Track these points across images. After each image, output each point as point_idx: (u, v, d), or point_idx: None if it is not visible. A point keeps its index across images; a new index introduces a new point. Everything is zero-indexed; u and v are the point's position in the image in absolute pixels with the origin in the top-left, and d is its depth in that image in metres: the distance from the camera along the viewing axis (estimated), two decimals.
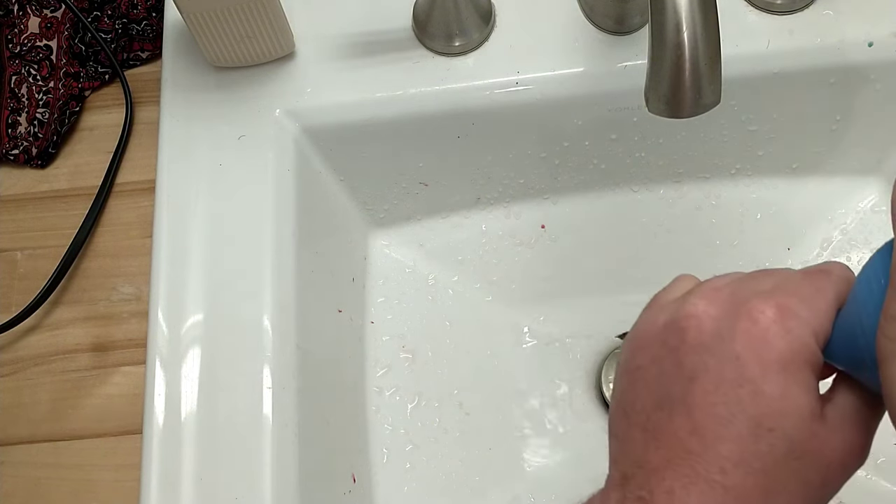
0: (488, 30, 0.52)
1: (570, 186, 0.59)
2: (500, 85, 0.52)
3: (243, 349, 0.47)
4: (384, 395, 0.57)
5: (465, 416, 0.57)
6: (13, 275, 0.60)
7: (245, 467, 0.45)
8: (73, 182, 0.61)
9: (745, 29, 0.51)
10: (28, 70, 0.63)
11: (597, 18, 0.52)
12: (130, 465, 0.55)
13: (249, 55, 0.52)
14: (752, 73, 0.51)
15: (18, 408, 0.57)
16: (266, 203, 0.50)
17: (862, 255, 0.57)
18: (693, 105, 0.39)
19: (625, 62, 0.51)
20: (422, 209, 0.60)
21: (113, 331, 0.58)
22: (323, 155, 0.54)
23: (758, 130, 0.56)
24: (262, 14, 0.49)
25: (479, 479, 0.56)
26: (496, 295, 0.60)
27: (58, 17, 0.64)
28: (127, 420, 0.56)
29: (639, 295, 0.60)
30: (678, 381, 0.29)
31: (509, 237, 0.60)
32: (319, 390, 0.50)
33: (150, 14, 0.64)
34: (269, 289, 0.49)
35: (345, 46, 0.53)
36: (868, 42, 0.51)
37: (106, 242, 0.60)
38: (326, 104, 0.52)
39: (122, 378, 0.57)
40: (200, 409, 0.47)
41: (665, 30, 0.38)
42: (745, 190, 0.59)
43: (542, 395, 0.57)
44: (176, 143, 0.52)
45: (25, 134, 0.62)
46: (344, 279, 0.57)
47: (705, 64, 0.38)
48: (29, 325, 0.58)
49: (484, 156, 0.56)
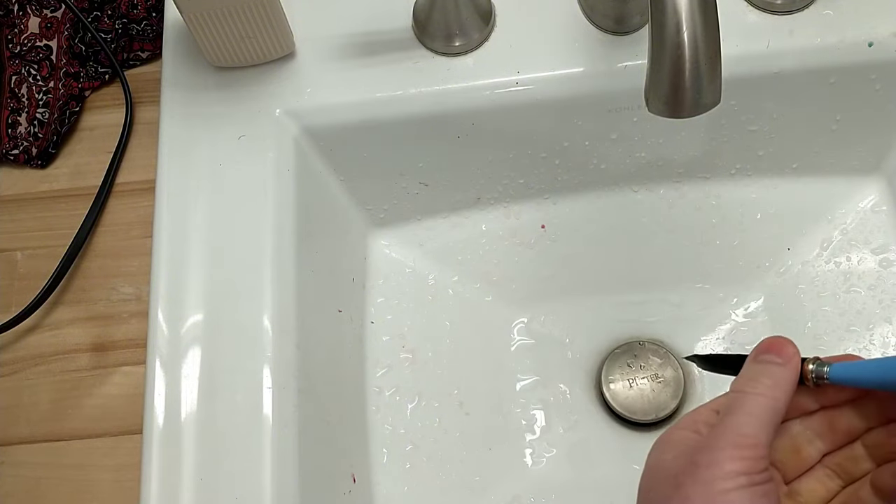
0: (488, 30, 0.52)
1: (570, 186, 0.59)
2: (500, 85, 0.52)
3: (243, 349, 0.47)
4: (384, 395, 0.57)
5: (465, 416, 0.57)
6: (13, 275, 0.60)
7: (245, 467, 0.45)
8: (73, 182, 0.61)
9: (745, 29, 0.51)
10: (28, 70, 0.63)
11: (597, 18, 0.52)
12: (130, 465, 0.55)
13: (249, 55, 0.52)
14: (752, 73, 0.51)
15: (18, 408, 0.57)
16: (266, 203, 0.50)
17: (862, 255, 0.57)
18: (693, 105, 0.39)
19: (625, 62, 0.51)
20: (422, 209, 0.60)
21: (113, 331, 0.58)
22: (323, 155, 0.54)
23: (758, 130, 0.56)
24: (262, 14, 0.49)
25: (479, 479, 0.56)
26: (496, 295, 0.60)
27: (58, 17, 0.64)
28: (127, 420, 0.56)
29: (639, 295, 0.61)
30: None
31: (509, 237, 0.60)
32: (319, 390, 0.50)
33: (150, 14, 0.64)
34: (269, 289, 0.49)
35: (345, 46, 0.53)
36: (868, 42, 0.51)
37: (106, 242, 0.60)
38: (326, 104, 0.52)
39: (122, 378, 0.57)
40: (200, 409, 0.47)
41: (665, 30, 0.38)
42: (745, 190, 0.59)
43: (542, 395, 0.57)
44: (176, 143, 0.52)
45: (25, 134, 0.62)
46: (344, 279, 0.57)
47: (705, 64, 0.38)
48: (29, 325, 0.58)
49: (484, 156, 0.56)
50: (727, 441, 0.32)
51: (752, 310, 0.58)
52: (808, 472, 0.36)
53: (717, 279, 0.59)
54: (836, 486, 0.35)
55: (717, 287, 0.59)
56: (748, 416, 0.33)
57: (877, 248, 0.57)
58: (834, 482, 0.35)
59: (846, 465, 0.35)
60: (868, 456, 0.35)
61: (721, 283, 0.59)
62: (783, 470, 0.36)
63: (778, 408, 0.33)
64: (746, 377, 0.34)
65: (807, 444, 0.36)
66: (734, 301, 0.58)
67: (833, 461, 0.35)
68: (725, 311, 0.58)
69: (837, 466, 0.35)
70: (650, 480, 0.35)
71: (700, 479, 0.32)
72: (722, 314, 0.58)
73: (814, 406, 0.35)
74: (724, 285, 0.59)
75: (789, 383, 0.34)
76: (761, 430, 0.32)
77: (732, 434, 0.32)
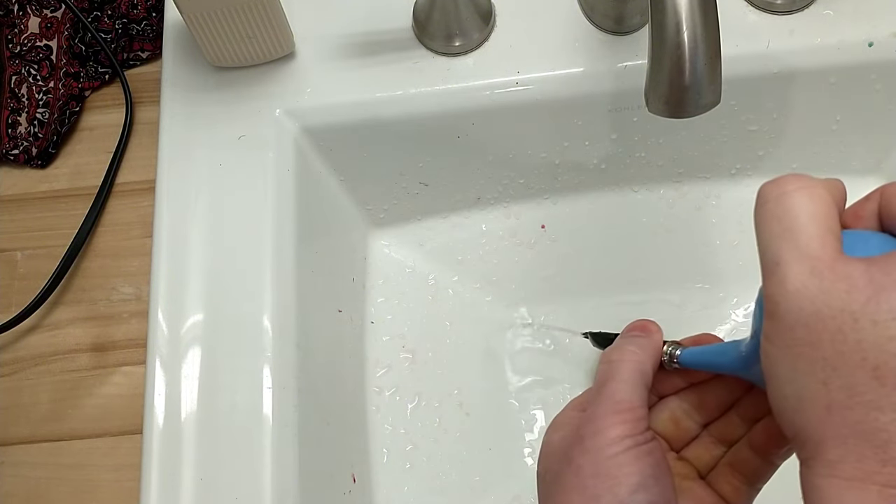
0: (488, 30, 0.52)
1: (570, 186, 0.59)
2: (500, 85, 0.52)
3: (243, 349, 0.47)
4: (384, 395, 0.57)
5: (465, 416, 0.57)
6: (13, 275, 0.60)
7: (245, 467, 0.45)
8: (73, 182, 0.61)
9: (745, 29, 0.51)
10: (28, 70, 0.63)
11: (597, 18, 0.52)
12: (130, 465, 0.55)
13: (249, 55, 0.52)
14: (752, 73, 0.51)
15: (18, 408, 0.57)
16: (266, 203, 0.50)
17: None
18: (693, 105, 0.39)
19: (625, 62, 0.51)
20: (422, 209, 0.60)
21: (113, 331, 0.58)
22: (323, 155, 0.54)
23: (758, 130, 0.56)
24: (262, 14, 0.49)
25: (479, 479, 0.56)
26: (496, 295, 0.60)
27: (58, 17, 0.64)
28: (127, 420, 0.56)
29: (639, 295, 0.61)
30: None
31: (509, 237, 0.60)
32: (319, 390, 0.50)
33: (150, 14, 0.64)
34: (269, 289, 0.49)
35: (345, 46, 0.53)
36: (868, 42, 0.51)
37: (106, 242, 0.60)
38: (326, 104, 0.52)
39: (122, 378, 0.57)
40: (200, 409, 0.47)
41: (665, 30, 0.38)
42: (745, 190, 0.59)
43: (542, 395, 0.57)
44: (176, 143, 0.52)
45: (25, 134, 0.62)
46: (344, 279, 0.57)
47: (705, 64, 0.38)
48: (29, 325, 0.58)
49: (484, 156, 0.56)
50: (606, 409, 0.35)
51: (752, 310, 0.58)
52: (693, 442, 0.38)
53: (717, 279, 0.59)
54: (719, 451, 0.38)
55: (717, 287, 0.59)
56: (620, 383, 0.36)
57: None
58: (718, 448, 0.38)
59: (725, 431, 0.38)
60: (742, 422, 0.37)
61: (721, 283, 0.59)
62: (669, 441, 0.39)
63: (645, 370, 0.36)
64: (614, 348, 0.38)
65: (685, 416, 0.38)
66: (734, 301, 0.58)
67: (714, 430, 0.38)
68: (725, 311, 0.58)
69: (718, 434, 0.38)
70: (544, 463, 0.37)
71: (587, 448, 0.34)
72: (722, 314, 0.58)
73: (684, 384, 0.39)
74: (724, 285, 0.59)
75: (652, 348, 0.37)
76: (634, 393, 0.35)
77: (609, 402, 0.35)
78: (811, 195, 0.27)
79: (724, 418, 0.38)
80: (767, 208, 0.28)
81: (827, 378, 0.25)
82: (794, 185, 0.28)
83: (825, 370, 0.25)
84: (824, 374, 0.26)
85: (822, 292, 0.26)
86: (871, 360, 0.25)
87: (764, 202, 0.28)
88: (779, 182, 0.28)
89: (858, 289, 0.25)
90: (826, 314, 0.25)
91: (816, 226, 0.27)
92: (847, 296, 0.25)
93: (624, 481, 0.33)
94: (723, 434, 0.38)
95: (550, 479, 0.36)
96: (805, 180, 0.28)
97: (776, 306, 0.27)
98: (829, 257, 0.26)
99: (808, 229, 0.27)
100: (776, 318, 0.27)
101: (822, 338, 0.25)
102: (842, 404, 0.25)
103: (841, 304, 0.25)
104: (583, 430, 0.35)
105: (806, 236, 0.27)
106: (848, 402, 0.25)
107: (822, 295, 0.26)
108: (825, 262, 0.26)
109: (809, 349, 0.26)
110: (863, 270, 0.25)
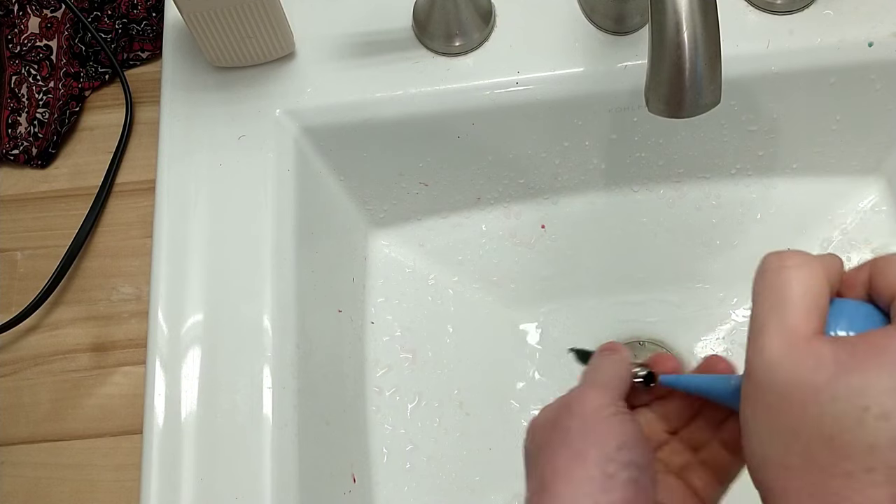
0: (488, 30, 0.52)
1: (570, 186, 0.59)
2: (500, 85, 0.52)
3: (243, 349, 0.47)
4: (384, 395, 0.57)
5: (465, 416, 0.57)
6: (13, 275, 0.60)
7: (245, 467, 0.45)
8: (73, 182, 0.61)
9: (745, 29, 0.51)
10: (28, 70, 0.63)
11: (597, 18, 0.52)
12: (130, 465, 0.55)
13: (249, 55, 0.52)
14: (752, 73, 0.51)
15: (18, 408, 0.57)
16: (266, 203, 0.50)
17: (862, 255, 0.57)
18: (693, 105, 0.39)
19: (625, 62, 0.51)
20: (422, 209, 0.60)
21: (113, 331, 0.58)
22: (323, 155, 0.54)
23: (758, 130, 0.56)
24: (262, 14, 0.49)
25: (479, 479, 0.56)
26: (496, 295, 0.60)
27: (58, 17, 0.64)
28: (127, 420, 0.56)
29: (639, 295, 0.61)
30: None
31: (509, 237, 0.60)
32: (319, 390, 0.50)
33: (150, 14, 0.64)
34: (269, 289, 0.49)
35: (345, 46, 0.53)
36: (868, 42, 0.51)
37: (106, 242, 0.60)
38: (326, 104, 0.52)
39: (122, 378, 0.57)
40: (200, 409, 0.47)
41: (665, 30, 0.38)
42: (745, 190, 0.59)
43: (542, 395, 0.57)
44: (176, 143, 0.52)
45: (25, 134, 0.62)
46: (344, 279, 0.57)
47: (705, 64, 0.38)
48: (29, 325, 0.58)
49: (484, 156, 0.56)
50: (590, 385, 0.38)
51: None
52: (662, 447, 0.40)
53: (717, 279, 0.59)
54: (689, 455, 0.39)
55: (717, 287, 0.59)
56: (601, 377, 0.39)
57: (877, 249, 0.57)
58: (687, 452, 0.40)
59: (693, 436, 0.39)
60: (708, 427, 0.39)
61: (721, 283, 0.59)
62: None
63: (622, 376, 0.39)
64: (591, 366, 0.41)
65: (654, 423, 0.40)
66: (734, 301, 0.58)
67: (683, 436, 0.40)
68: (725, 311, 0.58)
69: (687, 439, 0.40)
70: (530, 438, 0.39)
71: (574, 413, 0.36)
72: (722, 314, 0.58)
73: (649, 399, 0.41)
74: (724, 285, 0.59)
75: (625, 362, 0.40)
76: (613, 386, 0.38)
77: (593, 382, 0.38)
78: (809, 273, 0.29)
79: (693, 424, 0.40)
80: (766, 277, 0.30)
81: (788, 442, 0.28)
82: (794, 261, 0.30)
83: (788, 435, 0.28)
84: (787, 438, 0.28)
85: (794, 365, 0.28)
86: (828, 431, 0.27)
87: (764, 271, 0.30)
88: (781, 256, 0.30)
89: (824, 366, 0.27)
90: (794, 385, 0.28)
91: (805, 302, 0.29)
92: (814, 372, 0.27)
93: (611, 439, 0.35)
94: (691, 439, 0.40)
95: (535, 449, 0.38)
96: (804, 258, 0.30)
97: (753, 371, 0.29)
98: (807, 333, 0.28)
99: (797, 305, 0.29)
100: (752, 381, 0.29)
101: (789, 406, 0.28)
102: (800, 467, 0.28)
103: (807, 379, 0.28)
104: (568, 400, 0.37)
105: (793, 312, 0.29)
106: (805, 465, 0.28)
107: (793, 368, 0.28)
108: (802, 338, 0.28)
109: (777, 414, 0.28)
110: (832, 350, 0.28)
